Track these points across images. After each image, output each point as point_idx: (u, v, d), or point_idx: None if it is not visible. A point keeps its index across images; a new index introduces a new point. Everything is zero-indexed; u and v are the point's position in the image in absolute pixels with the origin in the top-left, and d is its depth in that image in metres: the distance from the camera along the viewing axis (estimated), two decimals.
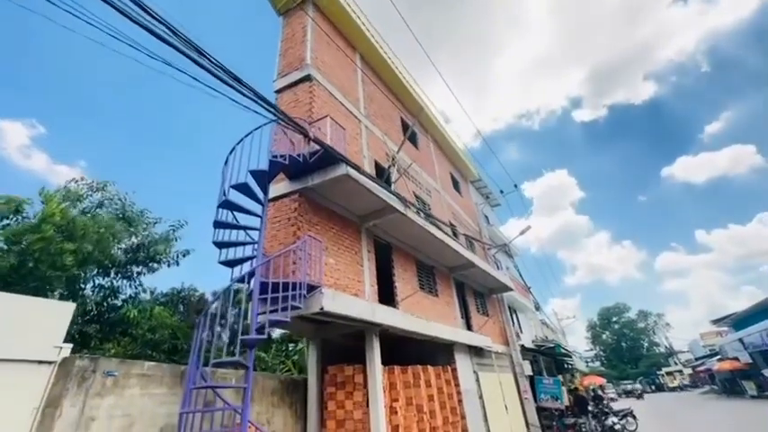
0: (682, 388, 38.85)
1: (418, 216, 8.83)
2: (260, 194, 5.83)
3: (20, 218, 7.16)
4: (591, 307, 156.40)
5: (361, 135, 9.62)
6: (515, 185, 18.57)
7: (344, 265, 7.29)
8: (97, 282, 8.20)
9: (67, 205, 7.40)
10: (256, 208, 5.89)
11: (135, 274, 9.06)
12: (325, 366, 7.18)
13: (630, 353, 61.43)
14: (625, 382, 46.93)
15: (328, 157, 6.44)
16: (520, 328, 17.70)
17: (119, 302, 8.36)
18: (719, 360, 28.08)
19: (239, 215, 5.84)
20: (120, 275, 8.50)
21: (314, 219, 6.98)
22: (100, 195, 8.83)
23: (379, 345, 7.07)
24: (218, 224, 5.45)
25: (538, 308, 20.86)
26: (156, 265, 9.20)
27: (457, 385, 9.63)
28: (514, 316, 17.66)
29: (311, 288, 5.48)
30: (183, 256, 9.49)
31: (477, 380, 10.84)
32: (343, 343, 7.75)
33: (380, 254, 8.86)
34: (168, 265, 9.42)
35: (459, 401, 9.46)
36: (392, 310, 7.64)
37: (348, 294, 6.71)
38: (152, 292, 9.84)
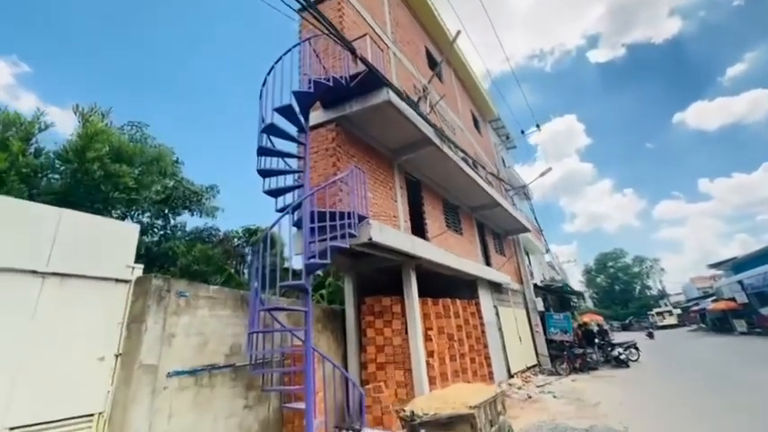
0: (672, 326, 41.21)
1: (451, 151, 8.50)
2: (302, 120, 5.47)
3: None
4: (586, 254, 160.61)
5: (390, 63, 8.90)
6: (537, 125, 17.85)
7: (381, 199, 7.14)
8: (136, 218, 8.28)
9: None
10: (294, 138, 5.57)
11: (163, 217, 9.32)
12: (362, 298, 7.38)
13: (622, 295, 64.30)
14: None
15: (370, 81, 5.97)
16: (531, 267, 18.19)
17: (156, 238, 8.52)
18: (714, 301, 29.39)
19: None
20: (153, 216, 8.58)
21: (351, 150, 6.69)
22: (130, 136, 8.80)
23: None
24: (263, 150, 5.18)
25: (548, 250, 21.31)
26: (184, 211, 9.35)
27: (480, 317, 10.06)
28: (527, 257, 18.04)
29: (360, 218, 5.37)
30: (213, 212, 9.85)
31: (497, 313, 11.32)
32: (373, 277, 7.89)
33: (410, 191, 8.69)
34: (192, 215, 9.68)
35: (483, 332, 9.95)
36: (428, 243, 7.67)
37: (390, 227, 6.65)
38: (179, 230, 9.90)
